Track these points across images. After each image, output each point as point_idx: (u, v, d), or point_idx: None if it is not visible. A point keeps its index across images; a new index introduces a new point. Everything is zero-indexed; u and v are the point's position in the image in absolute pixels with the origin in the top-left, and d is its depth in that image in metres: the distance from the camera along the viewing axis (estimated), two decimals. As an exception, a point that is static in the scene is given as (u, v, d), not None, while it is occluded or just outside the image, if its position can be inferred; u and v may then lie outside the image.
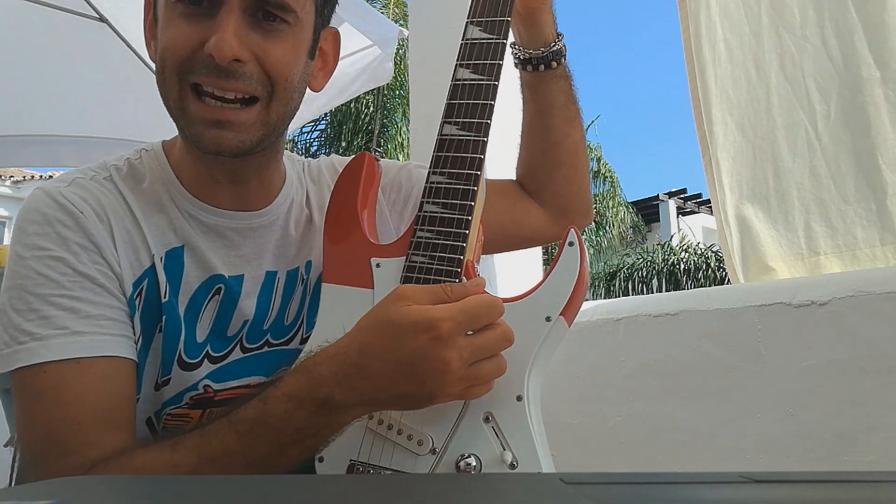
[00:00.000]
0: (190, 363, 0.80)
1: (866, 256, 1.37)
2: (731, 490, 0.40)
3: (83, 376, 0.70)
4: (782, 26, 1.49)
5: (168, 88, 0.74)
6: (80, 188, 0.77)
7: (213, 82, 0.72)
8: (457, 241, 0.71)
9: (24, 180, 12.93)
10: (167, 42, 0.74)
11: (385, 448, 0.70)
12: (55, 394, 0.70)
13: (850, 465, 1.09)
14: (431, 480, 0.59)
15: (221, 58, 0.70)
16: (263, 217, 0.85)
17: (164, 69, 0.74)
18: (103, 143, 3.00)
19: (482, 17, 0.77)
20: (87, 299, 0.72)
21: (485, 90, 0.74)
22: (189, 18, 0.72)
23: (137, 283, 0.77)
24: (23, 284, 0.72)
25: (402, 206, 0.94)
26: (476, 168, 0.72)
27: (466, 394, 0.65)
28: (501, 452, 0.66)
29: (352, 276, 0.76)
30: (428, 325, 0.61)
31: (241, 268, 0.83)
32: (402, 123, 11.52)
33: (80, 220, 0.74)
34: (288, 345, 0.86)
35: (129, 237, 0.77)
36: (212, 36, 0.71)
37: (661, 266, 12.06)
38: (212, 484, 0.46)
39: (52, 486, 0.38)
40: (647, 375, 1.39)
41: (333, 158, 0.98)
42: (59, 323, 0.70)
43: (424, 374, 0.62)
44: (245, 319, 0.83)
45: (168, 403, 0.80)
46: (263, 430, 0.65)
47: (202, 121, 0.73)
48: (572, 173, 0.98)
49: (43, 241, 0.73)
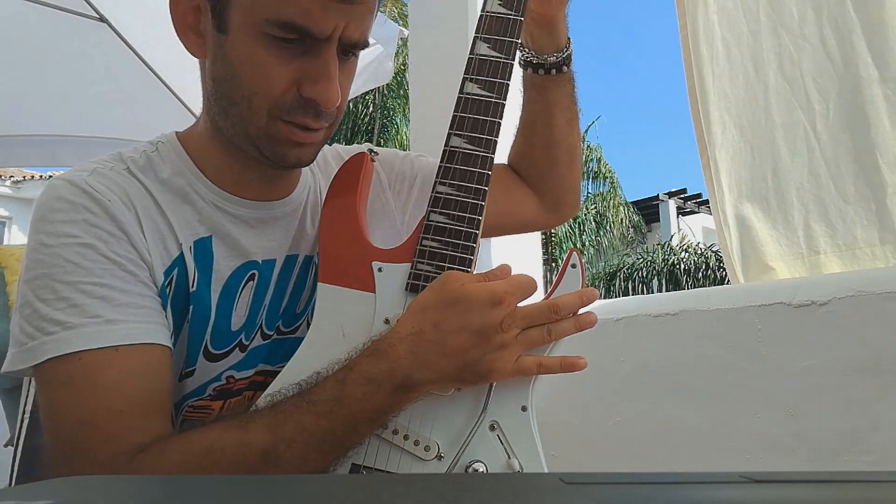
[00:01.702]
0: (217, 354, 0.79)
1: (866, 256, 1.37)
2: (731, 490, 0.40)
3: (119, 365, 0.68)
4: (781, 25, 1.49)
5: (254, 117, 0.73)
6: (102, 177, 0.75)
7: (308, 122, 0.73)
8: (465, 253, 0.73)
9: (24, 180, 12.91)
10: (260, 76, 0.71)
11: (392, 453, 0.70)
12: (90, 382, 0.67)
13: (851, 465, 1.09)
14: (431, 480, 0.59)
15: (328, 108, 0.72)
16: (287, 206, 0.85)
17: (252, 101, 0.72)
18: (103, 143, 3.00)
19: (491, 34, 0.78)
20: (119, 287, 0.70)
21: (493, 108, 0.75)
22: (283, 51, 0.70)
23: (168, 273, 0.75)
24: (50, 273, 0.69)
25: (406, 197, 0.96)
26: (484, 184, 0.74)
27: (518, 367, 0.69)
28: (508, 460, 0.69)
29: (351, 279, 0.75)
30: (498, 298, 0.67)
31: (274, 252, 0.84)
32: (402, 123, 11.53)
33: (107, 208, 0.72)
34: (294, 333, 0.86)
35: (155, 226, 0.76)
36: (310, 79, 0.71)
37: (661, 266, 12.07)
38: (212, 484, 0.46)
39: (52, 486, 0.38)
40: (647, 375, 1.39)
41: (337, 147, 0.99)
42: (92, 311, 0.68)
43: (493, 343, 0.67)
44: (265, 304, 0.83)
45: (190, 395, 0.80)
46: (341, 411, 0.66)
47: (290, 144, 0.74)
48: (568, 170, 1.01)
49: (70, 229, 0.70)
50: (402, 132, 11.60)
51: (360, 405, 0.66)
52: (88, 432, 0.67)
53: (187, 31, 0.76)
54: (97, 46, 2.76)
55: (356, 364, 0.68)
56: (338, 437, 0.67)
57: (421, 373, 0.67)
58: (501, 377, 0.69)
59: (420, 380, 0.67)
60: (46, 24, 2.66)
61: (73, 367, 0.67)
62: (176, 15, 0.76)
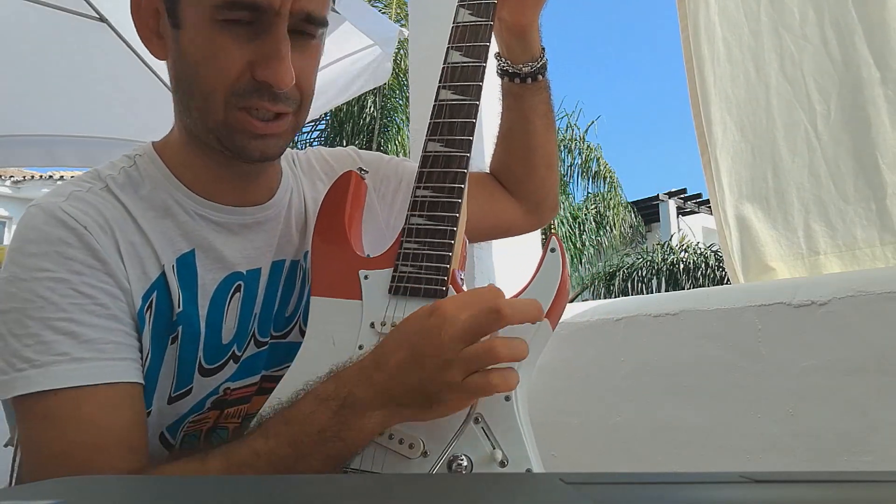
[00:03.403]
0: (211, 368, 0.79)
1: (866, 256, 1.37)
2: (731, 490, 0.40)
3: (90, 402, 0.68)
4: (782, 25, 1.49)
5: (212, 108, 0.72)
6: (79, 201, 0.74)
7: (265, 106, 0.72)
8: (443, 250, 0.73)
9: (24, 180, 12.92)
10: (213, 63, 0.71)
11: (377, 453, 0.70)
12: (62, 418, 0.67)
13: (850, 465, 1.09)
14: (430, 480, 0.59)
15: (281, 89, 0.71)
16: (269, 210, 0.85)
17: (208, 91, 0.72)
18: (103, 143, 3.01)
19: (462, 42, 0.81)
20: (89, 323, 0.70)
21: (466, 109, 0.78)
22: (234, 36, 0.70)
23: (147, 296, 0.75)
24: (22, 308, 0.69)
25: (392, 199, 0.97)
26: (460, 182, 0.75)
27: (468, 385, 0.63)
28: (492, 451, 0.68)
29: (340, 289, 0.77)
30: (432, 308, 0.64)
31: (257, 261, 0.83)
32: (402, 123, 11.52)
33: (83, 237, 0.71)
34: (286, 338, 0.86)
35: (134, 250, 0.75)
36: (263, 60, 0.70)
37: (661, 266, 12.06)
38: (210, 484, 0.45)
39: (53, 486, 0.38)
40: (647, 375, 1.39)
41: (321, 150, 1.00)
42: (59, 349, 0.68)
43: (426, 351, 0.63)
44: (256, 312, 0.83)
45: (189, 413, 0.80)
46: (286, 431, 0.65)
47: (249, 135, 0.74)
48: (547, 174, 1.04)
49: (43, 262, 0.70)
50: (402, 132, 11.59)
51: (303, 425, 0.65)
52: (66, 465, 0.67)
53: (150, 36, 0.77)
54: (97, 46, 2.76)
55: (312, 387, 0.68)
56: (284, 460, 0.65)
57: (364, 391, 0.64)
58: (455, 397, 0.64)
59: (363, 399, 0.64)
60: (46, 24, 2.66)
61: (46, 402, 0.68)
62: (139, 21, 0.77)
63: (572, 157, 13.61)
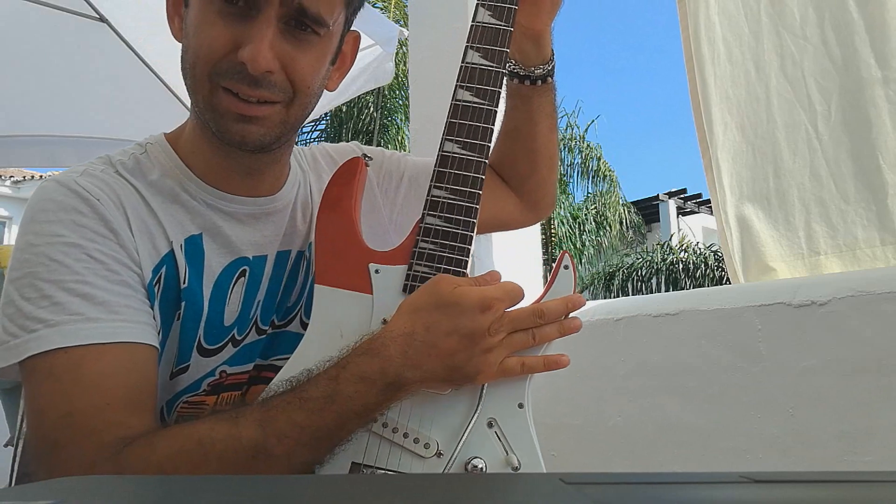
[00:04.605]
0: (210, 349, 0.80)
1: (866, 256, 1.37)
2: (731, 490, 0.40)
3: (103, 361, 0.68)
4: (782, 26, 1.49)
5: (198, 86, 0.75)
6: (92, 177, 0.76)
7: (241, 89, 0.73)
8: (461, 255, 0.74)
9: (24, 180, 12.92)
10: (201, 40, 0.74)
11: (392, 451, 0.71)
12: (73, 377, 0.67)
13: (850, 465, 1.09)
14: (431, 480, 0.59)
15: (255, 70, 0.72)
16: (277, 202, 0.87)
17: (196, 67, 0.74)
18: (103, 143, 3.00)
19: (481, 44, 0.80)
20: (102, 286, 0.70)
21: (485, 114, 0.78)
22: (225, 17, 0.72)
23: (156, 270, 0.76)
24: (34, 272, 0.69)
25: (394, 194, 0.99)
26: (478, 187, 0.76)
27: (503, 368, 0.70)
28: (506, 456, 0.70)
29: (348, 280, 0.76)
30: (487, 303, 0.69)
31: (264, 248, 0.85)
32: (402, 123, 11.53)
33: (96, 207, 0.73)
34: (287, 327, 0.87)
35: (145, 226, 0.77)
36: (246, 42, 0.71)
37: (661, 266, 12.07)
38: (212, 484, 0.46)
39: (52, 486, 0.38)
40: (647, 375, 1.39)
41: (326, 146, 1.01)
42: (73, 309, 0.68)
43: (480, 346, 0.68)
44: (259, 299, 0.84)
45: (185, 391, 0.80)
46: (333, 408, 0.67)
47: (230, 116, 0.75)
48: (548, 173, 1.05)
49: (57, 228, 0.71)
50: (403, 132, 11.60)
51: (351, 403, 0.67)
52: (72, 426, 0.67)
53: (174, 17, 0.81)
54: (97, 46, 2.76)
55: (348, 363, 0.69)
56: (328, 434, 0.68)
57: (411, 372, 0.68)
58: (487, 379, 0.71)
59: (410, 379, 0.68)
60: (46, 24, 2.66)
61: (57, 362, 0.68)
62: (168, 4, 0.81)
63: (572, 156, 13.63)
